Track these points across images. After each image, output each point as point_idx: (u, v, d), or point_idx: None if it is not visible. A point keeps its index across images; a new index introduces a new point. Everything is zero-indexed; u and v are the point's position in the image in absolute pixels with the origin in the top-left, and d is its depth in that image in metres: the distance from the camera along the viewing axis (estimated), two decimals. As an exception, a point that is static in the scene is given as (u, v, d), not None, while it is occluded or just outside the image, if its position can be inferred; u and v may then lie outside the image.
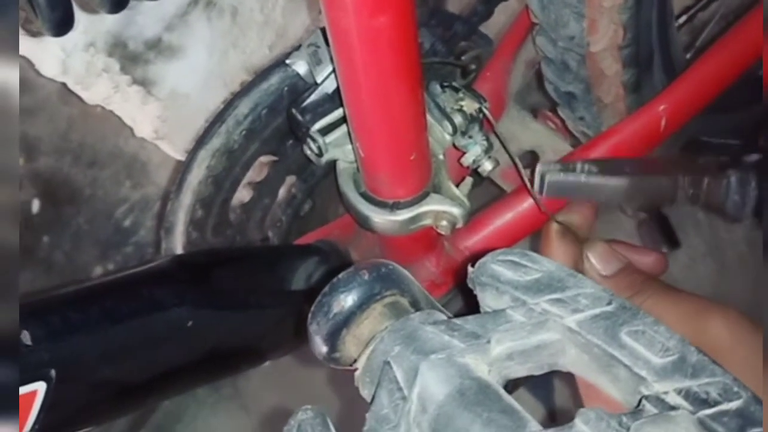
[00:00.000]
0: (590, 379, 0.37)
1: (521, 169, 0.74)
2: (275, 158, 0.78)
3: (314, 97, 0.70)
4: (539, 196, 0.75)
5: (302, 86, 0.72)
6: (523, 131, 0.95)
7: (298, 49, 0.72)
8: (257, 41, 0.98)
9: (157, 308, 0.58)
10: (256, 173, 0.78)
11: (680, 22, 1.04)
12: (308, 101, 0.70)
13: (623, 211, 1.52)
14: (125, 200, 1.15)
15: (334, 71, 0.68)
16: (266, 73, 0.73)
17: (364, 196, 0.71)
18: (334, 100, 0.70)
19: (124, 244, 1.19)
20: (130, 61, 0.86)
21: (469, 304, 0.45)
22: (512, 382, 0.38)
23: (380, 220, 0.70)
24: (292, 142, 0.77)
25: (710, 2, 1.08)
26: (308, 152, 0.72)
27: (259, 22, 0.96)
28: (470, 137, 0.73)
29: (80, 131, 1.03)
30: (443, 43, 0.78)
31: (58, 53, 0.79)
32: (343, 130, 0.70)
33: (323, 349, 0.40)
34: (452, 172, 0.74)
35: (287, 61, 0.72)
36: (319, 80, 0.70)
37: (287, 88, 0.73)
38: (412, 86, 0.59)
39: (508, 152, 0.74)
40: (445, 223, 0.71)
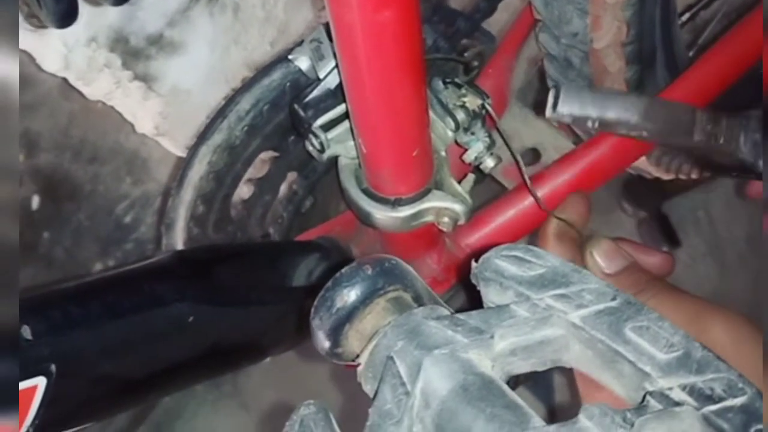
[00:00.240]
0: (594, 374, 0.37)
1: (522, 166, 0.74)
2: (277, 154, 0.78)
3: (316, 92, 0.70)
4: (539, 194, 0.75)
5: (304, 82, 0.72)
6: (525, 128, 0.95)
7: (300, 44, 0.72)
8: (259, 37, 0.97)
9: (158, 303, 0.58)
10: (257, 169, 0.78)
11: (683, 20, 1.04)
12: (310, 97, 0.70)
13: (623, 209, 1.52)
14: (126, 196, 1.15)
15: (336, 67, 0.68)
16: (268, 68, 0.73)
17: (365, 192, 0.70)
18: (336, 95, 0.70)
19: (124, 240, 1.19)
20: (131, 56, 0.86)
21: (471, 300, 0.45)
22: (513, 379, 0.38)
23: (382, 216, 0.70)
24: (293, 138, 0.77)
25: (712, 1, 1.08)
26: (310, 148, 0.72)
27: (260, 18, 0.96)
28: (472, 134, 0.73)
29: (81, 127, 1.03)
30: (446, 39, 0.78)
31: (59, 48, 0.78)
32: (345, 126, 0.70)
33: (326, 344, 0.40)
34: (454, 168, 0.74)
35: (290, 56, 0.72)
36: (321, 76, 0.70)
37: (289, 83, 0.73)
38: (415, 82, 0.58)
39: (510, 149, 0.74)
40: (446, 219, 0.70)
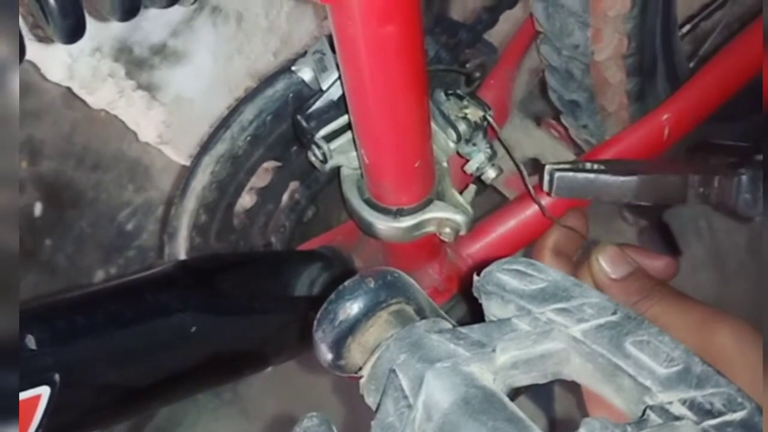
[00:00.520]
0: (595, 388, 0.37)
1: (526, 175, 0.74)
2: (279, 164, 0.78)
3: (319, 103, 0.70)
4: (543, 202, 0.75)
5: (307, 93, 0.73)
6: (526, 139, 0.95)
7: (303, 55, 0.73)
8: (262, 47, 0.98)
9: (161, 313, 0.58)
10: (260, 179, 0.79)
11: (683, 31, 1.05)
12: (313, 108, 0.71)
13: (624, 218, 1.52)
14: (128, 204, 1.15)
15: (339, 78, 0.68)
16: (272, 79, 0.74)
17: (367, 202, 0.71)
18: (339, 107, 0.70)
19: (126, 247, 1.19)
20: (135, 66, 0.86)
21: (472, 310, 0.45)
22: (514, 390, 0.38)
23: (384, 226, 0.70)
24: (296, 148, 0.77)
25: (713, 12, 1.09)
26: (313, 159, 0.72)
27: (263, 28, 0.96)
28: (474, 145, 0.73)
29: (84, 135, 1.04)
30: (448, 50, 0.78)
31: (64, 58, 0.79)
32: (347, 136, 0.71)
33: (328, 356, 0.40)
34: (456, 179, 0.75)
35: (293, 67, 0.73)
36: (324, 87, 0.70)
37: (292, 94, 0.73)
38: (417, 94, 0.59)
39: (513, 159, 0.74)
40: (448, 230, 0.71)
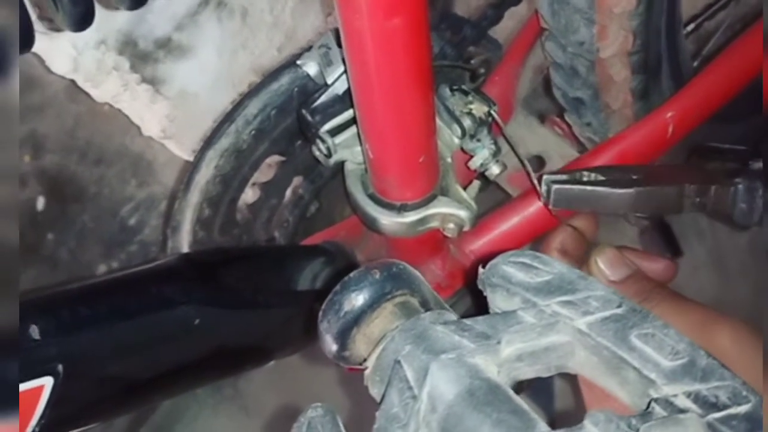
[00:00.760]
0: (599, 381, 0.37)
1: (531, 171, 0.74)
2: (283, 158, 0.78)
3: (324, 98, 0.71)
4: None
5: (312, 87, 0.73)
6: (530, 136, 0.95)
7: (309, 50, 0.73)
8: (266, 42, 0.98)
9: (164, 306, 0.58)
10: (263, 173, 0.79)
11: (687, 30, 1.04)
12: (318, 102, 0.71)
13: (626, 219, 1.52)
14: (131, 199, 1.15)
15: (344, 73, 0.68)
16: (277, 73, 0.74)
17: (371, 197, 0.71)
18: (344, 101, 0.70)
19: (128, 242, 1.19)
20: (140, 59, 0.87)
21: (477, 306, 0.45)
22: (517, 384, 0.39)
23: (387, 221, 0.70)
24: (300, 142, 0.77)
25: (717, 11, 1.09)
26: (317, 153, 0.72)
27: (268, 23, 0.96)
28: (478, 141, 0.73)
29: (87, 129, 1.04)
30: (452, 46, 0.78)
31: (69, 51, 0.79)
32: (352, 131, 0.71)
33: (333, 347, 0.41)
34: (460, 175, 0.75)
35: (298, 62, 0.73)
36: (329, 81, 0.70)
37: (297, 88, 0.73)
38: (423, 89, 0.59)
39: (517, 155, 0.74)
40: (452, 225, 0.71)
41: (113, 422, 1.23)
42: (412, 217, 0.70)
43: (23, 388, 0.49)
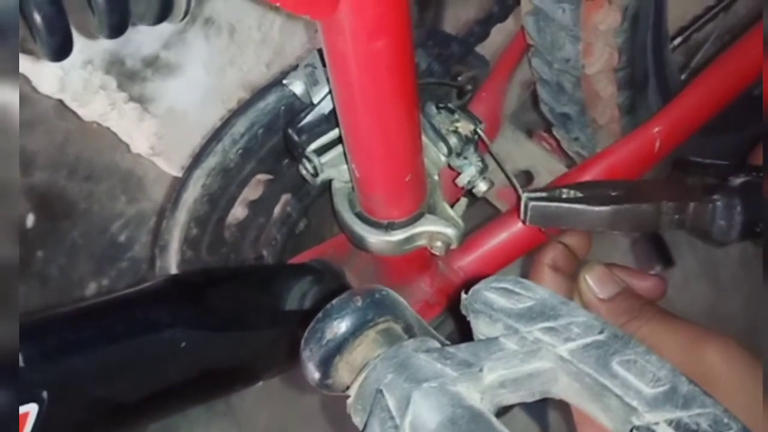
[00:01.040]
0: (582, 407, 0.37)
1: (519, 188, 0.74)
2: (271, 177, 0.78)
3: (310, 117, 0.70)
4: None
5: (299, 106, 0.73)
6: (518, 151, 0.96)
7: (295, 69, 0.73)
8: (255, 59, 0.98)
9: (150, 329, 0.58)
10: (251, 191, 0.78)
11: (675, 43, 1.05)
12: (304, 121, 0.70)
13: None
14: (121, 215, 1.15)
15: (330, 92, 0.68)
16: (263, 92, 0.74)
17: (359, 216, 0.71)
18: (330, 120, 0.70)
19: (119, 259, 1.19)
20: (127, 78, 0.86)
21: (461, 326, 0.45)
22: (501, 408, 0.38)
23: (375, 240, 0.70)
24: (287, 161, 0.77)
25: (705, 23, 1.09)
26: (304, 172, 0.72)
27: (256, 39, 0.96)
28: (465, 158, 0.73)
29: (77, 145, 1.04)
30: (440, 63, 0.78)
31: (56, 71, 0.79)
32: (338, 150, 0.71)
33: (316, 375, 0.40)
34: (447, 192, 0.75)
35: (284, 81, 0.73)
36: (315, 101, 0.70)
37: (284, 107, 0.73)
38: (408, 108, 0.59)
39: (505, 173, 0.74)
40: (439, 243, 0.71)
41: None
42: (399, 235, 0.69)
43: (7, 415, 0.49)
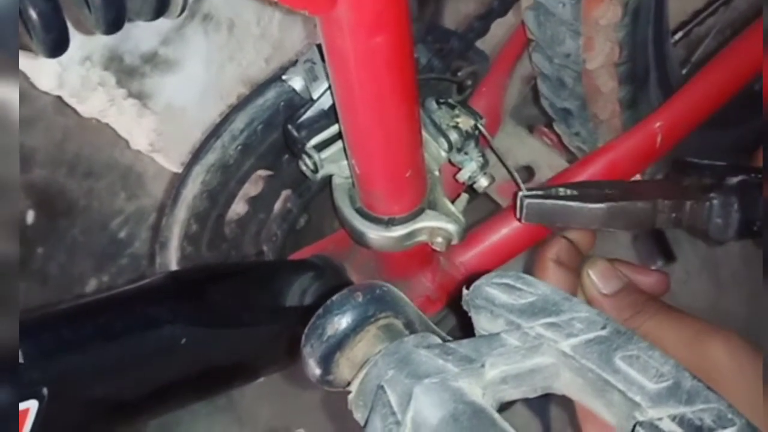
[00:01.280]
0: (585, 403, 0.37)
1: (520, 183, 0.73)
2: (271, 173, 0.78)
3: (310, 113, 0.70)
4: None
5: (298, 102, 0.72)
6: (518, 146, 0.95)
7: (294, 64, 0.72)
8: (254, 54, 0.97)
9: (150, 326, 0.58)
10: (251, 187, 0.78)
11: (676, 37, 1.05)
12: (304, 117, 0.70)
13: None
14: (120, 212, 1.15)
15: (330, 88, 0.68)
16: (262, 88, 0.73)
17: (359, 211, 0.70)
18: (329, 116, 0.70)
19: (119, 255, 1.19)
20: (126, 74, 0.86)
21: (463, 321, 0.45)
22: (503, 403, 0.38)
23: (375, 236, 0.70)
24: (287, 156, 0.77)
25: (707, 17, 1.09)
26: (304, 168, 0.72)
27: (255, 35, 0.96)
28: (466, 153, 0.73)
29: (76, 142, 1.03)
30: (440, 59, 0.78)
31: (54, 67, 0.79)
32: (338, 146, 0.70)
33: (317, 371, 0.40)
34: (448, 187, 0.74)
35: (283, 76, 0.72)
36: (315, 96, 0.70)
37: (283, 103, 0.73)
38: (408, 104, 0.59)
39: (507, 168, 0.74)
40: (440, 239, 0.70)
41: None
42: (399, 231, 0.69)
43: (7, 412, 0.48)
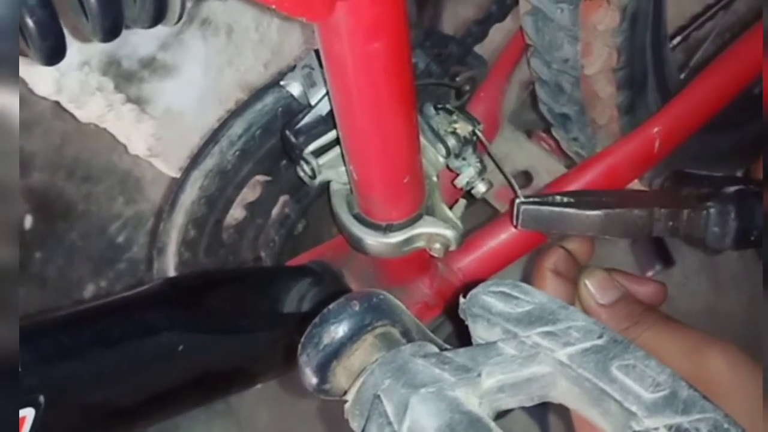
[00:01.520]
0: (581, 412, 0.37)
1: (517, 189, 0.73)
2: (269, 178, 0.78)
3: (308, 118, 0.70)
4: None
5: (296, 107, 0.72)
6: (517, 151, 0.95)
7: (292, 70, 0.72)
8: (252, 59, 0.97)
9: (148, 333, 0.58)
10: (249, 193, 0.78)
11: (675, 42, 1.05)
12: (302, 123, 0.70)
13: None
14: (119, 216, 1.14)
15: (327, 93, 0.68)
16: (261, 93, 0.73)
17: (357, 217, 0.70)
18: (327, 122, 0.70)
19: (117, 260, 1.19)
20: (124, 79, 0.86)
21: (460, 328, 0.45)
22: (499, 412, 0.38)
23: (373, 242, 0.70)
24: (285, 162, 0.77)
25: (705, 22, 1.09)
26: (302, 174, 0.72)
27: (254, 40, 0.96)
28: (464, 159, 0.73)
29: (74, 146, 1.03)
30: (438, 64, 0.78)
31: (52, 72, 0.79)
32: (336, 151, 0.70)
33: (313, 380, 0.40)
34: (445, 193, 0.74)
35: (282, 82, 0.72)
36: (313, 102, 0.70)
37: (281, 109, 0.73)
38: (405, 110, 0.59)
39: (504, 174, 0.74)
40: (438, 245, 0.70)
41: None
42: (397, 237, 0.69)
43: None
